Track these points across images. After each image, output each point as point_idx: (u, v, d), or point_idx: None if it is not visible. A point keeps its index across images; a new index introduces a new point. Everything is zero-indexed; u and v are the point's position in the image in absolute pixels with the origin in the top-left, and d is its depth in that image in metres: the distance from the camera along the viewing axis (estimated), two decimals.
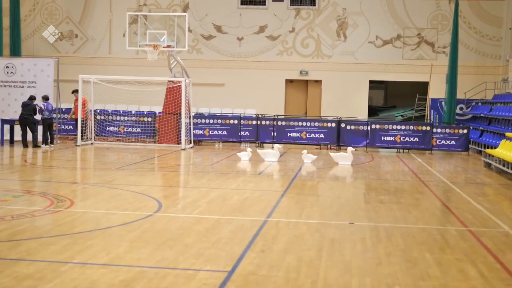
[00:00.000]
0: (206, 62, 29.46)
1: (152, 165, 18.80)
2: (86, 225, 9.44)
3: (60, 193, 12.32)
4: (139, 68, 28.72)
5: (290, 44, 29.48)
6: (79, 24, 30.40)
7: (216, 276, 6.88)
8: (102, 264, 7.22)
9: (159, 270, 7.03)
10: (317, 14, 29.31)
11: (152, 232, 8.96)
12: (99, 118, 25.17)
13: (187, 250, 7.98)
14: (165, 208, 11.05)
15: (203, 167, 18.43)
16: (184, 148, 22.89)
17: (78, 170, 17.52)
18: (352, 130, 24.64)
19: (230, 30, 29.67)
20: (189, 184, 14.94)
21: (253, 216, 10.41)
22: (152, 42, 23.95)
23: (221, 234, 8.96)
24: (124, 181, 14.36)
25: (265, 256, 7.76)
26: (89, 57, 30.10)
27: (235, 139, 25.20)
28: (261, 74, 29.32)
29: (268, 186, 14.57)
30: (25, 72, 24.22)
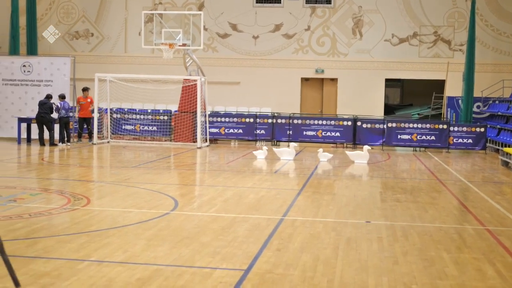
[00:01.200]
0: (222, 60, 29.47)
1: (168, 163, 18.83)
2: (102, 223, 9.47)
3: (77, 191, 12.37)
4: (155, 67, 28.78)
5: (306, 43, 29.42)
6: (95, 23, 30.51)
7: (233, 274, 6.87)
8: (118, 262, 7.24)
9: (176, 268, 7.04)
10: (333, 12, 29.23)
11: (168, 231, 8.97)
12: (115, 116, 25.24)
13: (203, 248, 7.98)
14: (181, 206, 11.07)
15: (219, 165, 18.44)
16: (200, 146, 22.91)
17: (95, 168, 17.58)
18: (368, 129, 24.55)
19: (246, 29, 29.65)
20: (205, 183, 14.95)
21: (269, 215, 10.40)
22: (168, 41, 23.98)
23: (237, 232, 8.96)
24: (141, 179, 14.40)
25: (281, 255, 7.75)
26: (105, 56, 30.20)
27: (251, 138, 25.20)
28: (276, 72, 29.28)
29: (284, 184, 14.54)
30: (41, 71, 24.36)
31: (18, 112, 23.93)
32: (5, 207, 10.47)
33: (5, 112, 24.32)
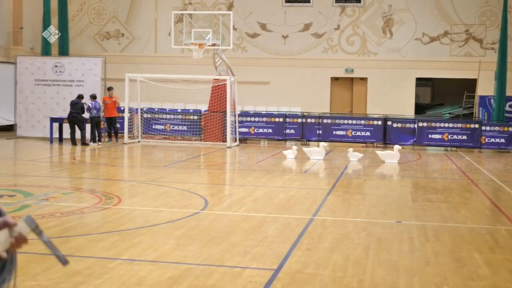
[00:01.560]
0: (251, 60, 29.49)
1: (198, 163, 18.91)
2: (133, 222, 9.54)
3: (108, 191, 12.48)
4: (185, 67, 28.90)
5: (335, 42, 29.32)
6: (125, 23, 30.75)
7: (263, 274, 6.88)
8: (149, 261, 7.28)
9: (206, 268, 7.06)
10: (363, 11, 29.09)
11: (198, 230, 9.00)
12: (145, 116, 25.41)
13: (233, 248, 7.99)
14: (211, 205, 11.10)
15: (248, 165, 18.46)
16: (230, 146, 22.96)
17: (126, 167, 17.72)
18: (399, 128, 24.39)
19: (275, 28, 29.65)
20: (235, 182, 14.98)
21: (299, 214, 10.39)
22: (197, 41, 24.08)
23: (267, 232, 8.96)
24: (171, 178, 14.48)
25: (312, 255, 7.73)
26: (135, 56, 30.41)
27: (280, 137, 25.19)
28: (306, 72, 29.22)
29: (314, 184, 14.51)
30: (73, 71, 24.62)
31: (50, 112, 24.21)
32: (38, 206, 10.60)
33: (38, 112, 24.62)
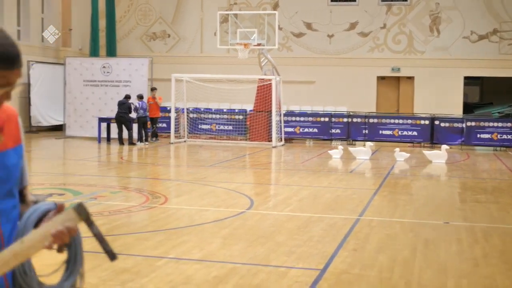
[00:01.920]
0: (296, 59, 29.42)
1: (244, 162, 18.95)
2: (180, 221, 9.61)
3: (155, 190, 12.61)
4: (230, 67, 28.97)
5: (382, 41, 29.07)
6: (172, 24, 31.00)
7: (308, 274, 6.85)
8: (195, 259, 7.33)
9: (251, 267, 7.07)
10: (409, 9, 28.76)
11: (244, 229, 9.02)
12: (191, 116, 25.58)
13: (279, 247, 7.99)
14: (256, 205, 11.12)
15: (294, 164, 18.43)
16: (275, 145, 22.95)
17: (172, 167, 17.87)
18: (447, 128, 24.05)
19: (320, 27, 29.53)
20: (280, 182, 14.97)
21: (345, 215, 10.32)
22: (243, 41, 24.14)
23: (313, 232, 8.93)
24: (217, 178, 14.54)
25: (358, 255, 7.68)
26: (181, 56, 30.62)
27: (326, 137, 25.08)
28: (352, 71, 29.02)
29: (360, 184, 14.41)
30: (120, 72, 24.93)
31: (98, 112, 24.56)
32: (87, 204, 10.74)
33: (86, 112, 24.99)
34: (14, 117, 2.37)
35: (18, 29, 27.31)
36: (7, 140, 2.31)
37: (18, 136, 2.36)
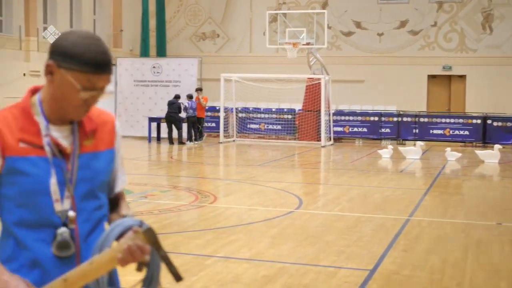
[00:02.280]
0: (346, 58, 29.24)
1: (293, 162, 18.94)
2: (229, 220, 9.66)
3: (204, 189, 12.69)
4: (279, 66, 28.95)
5: (432, 39, 28.67)
6: (221, 24, 31.15)
7: (358, 274, 6.81)
8: (244, 259, 7.35)
9: (300, 267, 7.06)
10: (461, 6, 28.31)
11: (293, 229, 9.02)
12: (240, 115, 25.67)
13: (328, 247, 7.96)
14: (305, 205, 11.10)
15: (343, 164, 18.34)
16: (324, 145, 22.87)
17: (221, 166, 17.97)
18: (500, 127, 23.59)
19: (370, 26, 29.29)
20: (329, 181, 14.91)
21: (395, 215, 10.23)
22: (292, 40, 24.11)
23: (362, 232, 8.87)
24: (265, 177, 14.56)
25: (408, 256, 7.60)
26: (231, 56, 30.74)
27: (375, 136, 24.88)
28: (402, 70, 28.69)
29: (410, 184, 14.25)
30: (170, 72, 25.16)
31: (148, 112, 24.84)
32: (137, 203, 10.89)
33: (136, 112, 25.31)
34: (110, 123, 2.49)
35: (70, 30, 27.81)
36: (97, 143, 2.41)
37: (110, 141, 2.47)
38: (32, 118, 2.34)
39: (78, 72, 2.25)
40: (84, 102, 2.30)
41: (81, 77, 2.25)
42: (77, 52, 2.25)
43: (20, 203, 2.31)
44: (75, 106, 2.30)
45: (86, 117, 2.40)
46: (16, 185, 2.30)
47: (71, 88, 2.27)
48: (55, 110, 2.35)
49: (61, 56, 2.27)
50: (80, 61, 2.24)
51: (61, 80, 2.27)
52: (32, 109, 2.36)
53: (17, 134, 2.30)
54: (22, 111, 2.35)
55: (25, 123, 2.33)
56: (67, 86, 2.27)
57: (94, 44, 2.28)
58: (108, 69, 2.31)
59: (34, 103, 2.37)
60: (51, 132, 2.34)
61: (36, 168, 2.30)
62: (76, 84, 2.25)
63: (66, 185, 2.33)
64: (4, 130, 2.30)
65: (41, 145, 2.31)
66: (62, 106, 2.32)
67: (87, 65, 2.24)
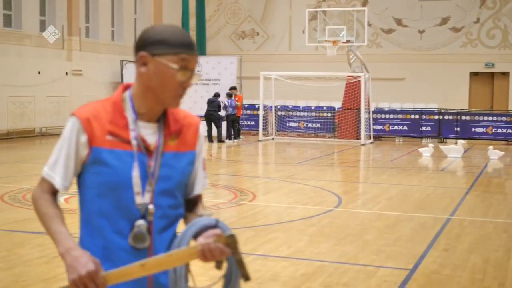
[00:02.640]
0: (386, 56, 29.02)
1: (332, 160, 18.86)
2: (268, 219, 9.67)
3: (243, 187, 12.72)
4: (319, 64, 28.85)
5: (475, 36, 28.26)
6: (260, 22, 31.18)
7: (397, 273, 6.76)
8: (283, 257, 7.35)
9: (339, 265, 7.03)
10: (504, 2, 27.83)
11: (332, 227, 8.98)
12: (279, 114, 25.66)
13: (367, 246, 7.91)
14: (345, 203, 11.04)
15: (383, 162, 18.20)
16: (364, 143, 22.72)
17: (260, 164, 17.99)
18: None
19: (411, 23, 29.00)
20: (369, 180, 14.82)
21: (435, 214, 10.11)
22: (332, 38, 24.01)
23: (402, 231, 8.79)
24: (304, 176, 14.54)
25: (449, 255, 7.51)
26: (270, 54, 30.75)
27: (416, 135, 24.63)
28: (443, 67, 28.34)
29: (451, 183, 14.08)
30: (210, 70, 25.27)
31: (188, 110, 24.87)
32: None
33: None
34: (194, 125, 2.59)
35: (112, 29, 28.16)
36: (181, 144, 2.50)
37: (193, 143, 2.55)
38: (122, 112, 2.44)
39: (172, 55, 2.36)
40: (180, 86, 2.40)
41: (175, 59, 2.36)
42: (166, 37, 2.37)
43: (101, 193, 2.41)
44: (173, 90, 2.40)
45: (172, 118, 2.51)
46: (99, 176, 2.40)
47: (168, 72, 2.37)
48: (148, 104, 2.44)
49: (153, 44, 2.37)
50: (172, 44, 2.36)
51: (157, 67, 2.37)
52: (123, 104, 2.45)
53: (106, 126, 2.40)
54: (113, 105, 2.45)
55: (115, 116, 2.42)
56: (164, 71, 2.37)
57: (177, 29, 2.42)
58: (195, 49, 2.43)
59: (125, 98, 2.47)
60: (139, 128, 2.43)
61: (120, 161, 2.39)
62: (173, 65, 2.36)
63: (148, 179, 2.42)
64: (94, 122, 2.40)
65: (128, 139, 2.41)
66: (160, 94, 2.41)
67: (178, 46, 2.36)
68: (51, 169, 2.44)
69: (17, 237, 8.07)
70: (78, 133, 2.40)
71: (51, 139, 22.61)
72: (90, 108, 2.45)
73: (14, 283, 6.15)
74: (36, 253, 7.28)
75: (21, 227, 8.61)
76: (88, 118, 2.40)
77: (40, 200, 2.43)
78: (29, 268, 6.66)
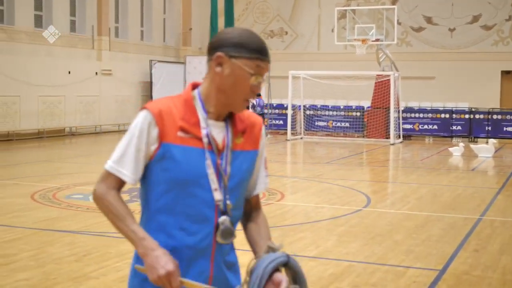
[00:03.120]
0: (416, 54, 28.78)
1: (361, 159, 18.76)
2: (296, 218, 9.64)
3: (271, 186, 12.70)
4: (348, 63, 28.70)
5: (507, 33, 27.90)
6: (289, 21, 31.13)
7: (427, 274, 6.69)
8: (311, 256, 7.32)
9: (368, 266, 6.98)
10: None
11: (360, 227, 8.93)
12: (308, 113, 25.60)
13: (396, 246, 7.84)
14: (373, 203, 10.97)
15: (412, 162, 18.06)
16: (393, 143, 22.56)
17: (288, 164, 17.95)
18: None
19: (441, 21, 28.73)
20: (398, 180, 14.70)
21: (465, 214, 10.00)
22: (361, 36, 23.89)
23: (432, 231, 8.71)
24: (333, 175, 14.48)
25: (479, 256, 7.41)
26: (299, 53, 30.69)
27: (446, 134, 24.39)
28: (474, 65, 28.02)
29: (482, 182, 13.91)
30: None
31: None
32: None
33: None
34: (258, 125, 2.60)
35: (141, 29, 28.33)
36: (246, 142, 2.54)
37: (256, 142, 2.58)
38: (193, 109, 2.46)
39: (248, 59, 2.41)
40: (250, 90, 2.44)
41: (250, 63, 2.41)
42: (245, 41, 2.42)
43: (169, 189, 2.42)
44: (244, 93, 2.44)
45: (238, 118, 2.54)
46: (168, 172, 2.40)
47: (243, 75, 2.41)
48: (217, 104, 2.47)
49: (230, 47, 2.41)
50: (249, 48, 2.41)
51: (232, 69, 2.41)
52: (193, 101, 2.48)
53: (177, 122, 2.42)
54: (184, 102, 2.47)
55: (186, 113, 2.45)
56: (239, 74, 2.41)
57: (254, 34, 2.47)
58: (268, 55, 2.48)
59: (195, 96, 2.49)
60: (209, 126, 2.46)
61: (191, 158, 2.41)
62: (248, 70, 2.40)
63: (221, 176, 2.44)
64: (166, 117, 2.42)
65: (199, 136, 2.43)
66: (230, 96, 2.44)
67: (255, 52, 2.42)
68: (118, 163, 2.43)
69: (47, 235, 8.15)
70: (150, 126, 2.41)
71: (80, 139, 22.82)
72: (162, 103, 2.47)
73: (44, 281, 6.21)
74: (66, 251, 7.35)
75: (51, 225, 8.70)
76: (161, 112, 2.42)
77: (108, 198, 2.42)
78: (59, 266, 6.72)
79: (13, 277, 6.30)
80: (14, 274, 6.40)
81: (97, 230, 8.33)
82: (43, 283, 6.15)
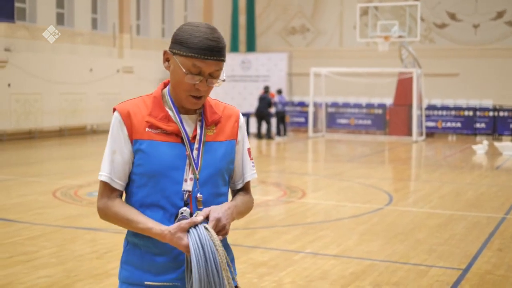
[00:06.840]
0: (439, 51, 28.52)
1: (383, 157, 18.63)
2: (317, 216, 9.58)
3: (292, 184, 12.65)
4: (370, 60, 28.54)
5: None
6: (311, 18, 31.00)
7: (450, 273, 6.60)
8: (332, 255, 7.26)
9: (390, 264, 6.91)
10: None
11: (382, 226, 8.85)
12: (329, 110, 25.49)
13: (418, 245, 7.76)
14: (395, 201, 10.88)
15: (435, 160, 17.90)
16: (416, 140, 22.39)
17: (310, 161, 17.88)
18: None
19: (465, 17, 28.43)
20: (420, 178, 14.57)
21: (489, 213, 9.87)
22: (383, 33, 23.71)
23: (455, 230, 8.60)
24: (354, 173, 14.38)
25: (503, 255, 7.31)
26: (320, 50, 30.55)
27: (469, 132, 24.16)
28: (498, 62, 27.70)
29: (506, 181, 13.73)
30: (259, 67, 25.27)
31: (237, 107, 24.91)
32: None
33: None
34: (234, 116, 2.65)
35: (162, 26, 28.38)
36: (219, 133, 2.58)
37: (233, 133, 2.62)
38: (161, 105, 2.53)
39: (184, 58, 2.43)
40: (192, 88, 2.46)
41: (187, 62, 2.43)
42: (187, 39, 2.42)
43: (142, 184, 2.50)
44: (185, 91, 2.47)
45: (210, 110, 2.58)
46: (140, 167, 2.49)
47: (179, 73, 2.45)
48: (176, 98, 2.53)
49: (174, 43, 2.47)
50: (188, 47, 2.42)
51: (174, 66, 2.47)
52: (162, 98, 2.56)
53: (146, 119, 2.50)
54: (153, 99, 2.55)
55: (155, 109, 2.52)
56: (177, 71, 2.46)
57: (203, 32, 2.43)
58: (213, 55, 2.43)
59: (164, 93, 2.57)
60: (178, 120, 2.52)
61: (159, 151, 2.48)
62: (182, 68, 2.43)
63: (191, 168, 2.50)
64: (133, 116, 2.50)
65: (167, 130, 2.50)
66: (177, 91, 2.50)
67: (191, 50, 2.41)
68: (108, 171, 2.52)
69: (68, 232, 8.17)
70: (121, 126, 2.50)
71: (102, 136, 22.92)
72: (130, 102, 2.56)
73: (65, 278, 6.22)
74: (88, 248, 7.36)
75: (72, 223, 8.72)
76: (128, 112, 2.51)
77: (111, 210, 2.53)
78: (80, 264, 6.73)
79: (34, 274, 6.32)
80: (35, 271, 6.42)
81: (118, 227, 8.33)
82: (64, 280, 6.16)
